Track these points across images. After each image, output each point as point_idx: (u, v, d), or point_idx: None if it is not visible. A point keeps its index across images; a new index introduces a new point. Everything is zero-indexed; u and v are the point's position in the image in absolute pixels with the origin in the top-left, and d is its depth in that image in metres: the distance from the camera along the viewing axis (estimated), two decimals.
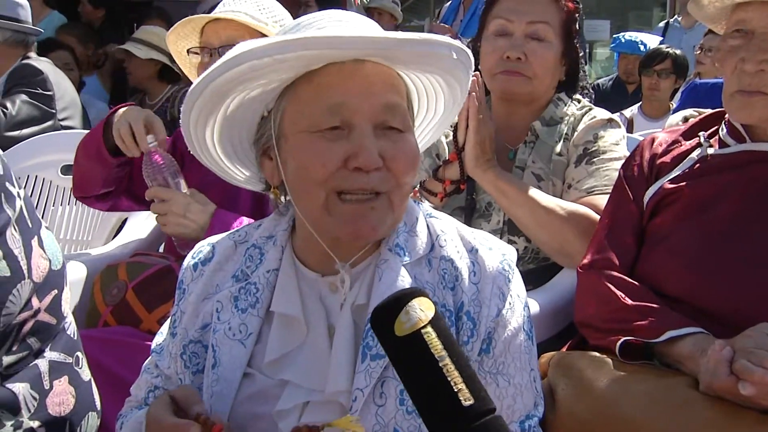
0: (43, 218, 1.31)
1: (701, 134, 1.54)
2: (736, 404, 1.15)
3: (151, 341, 1.28)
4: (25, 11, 3.23)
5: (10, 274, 1.16)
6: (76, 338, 1.36)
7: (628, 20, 10.80)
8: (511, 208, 1.77)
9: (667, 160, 1.54)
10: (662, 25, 5.95)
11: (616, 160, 1.80)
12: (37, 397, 1.21)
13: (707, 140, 1.52)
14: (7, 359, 1.18)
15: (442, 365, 0.77)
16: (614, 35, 5.83)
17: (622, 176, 1.61)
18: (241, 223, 1.76)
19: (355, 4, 5.58)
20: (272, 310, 1.12)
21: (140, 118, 1.86)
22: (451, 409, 0.76)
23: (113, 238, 2.64)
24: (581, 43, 2.03)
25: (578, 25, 1.97)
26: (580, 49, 1.99)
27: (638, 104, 4.48)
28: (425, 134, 1.27)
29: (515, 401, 1.10)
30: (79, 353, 1.35)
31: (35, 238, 1.24)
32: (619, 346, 1.33)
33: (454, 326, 1.07)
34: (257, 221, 1.24)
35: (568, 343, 1.56)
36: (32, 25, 3.32)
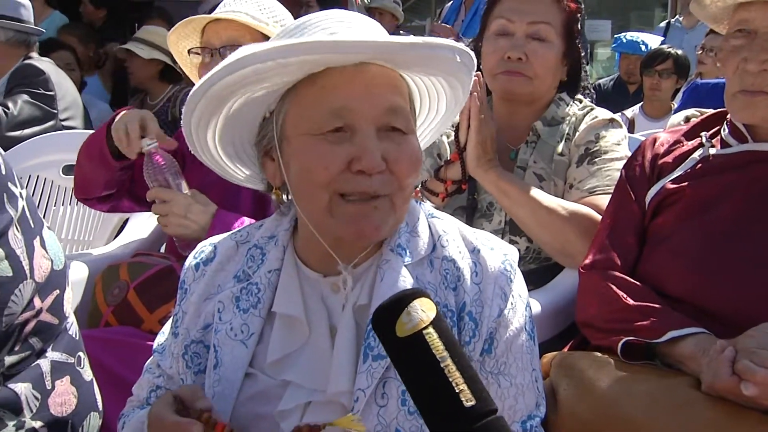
0: (44, 218, 1.31)
1: (703, 134, 1.54)
2: (738, 405, 1.15)
3: (152, 341, 1.28)
4: (27, 11, 3.23)
5: (12, 274, 1.16)
6: (77, 338, 1.36)
7: (629, 20, 10.78)
8: (512, 208, 1.77)
9: (669, 160, 1.54)
10: (663, 25, 5.95)
11: (617, 160, 1.80)
12: (39, 397, 1.21)
13: (709, 140, 1.52)
14: (9, 359, 1.18)
15: (443, 366, 0.77)
16: (615, 35, 5.83)
17: (623, 176, 1.61)
18: (242, 223, 1.76)
19: (356, 4, 5.58)
20: (274, 310, 1.12)
21: (136, 119, 1.86)
22: (452, 409, 0.76)
23: (114, 238, 2.64)
24: (583, 43, 2.02)
25: (580, 25, 1.97)
26: (581, 49, 1.99)
27: (639, 104, 4.47)
28: (426, 134, 1.27)
29: (517, 401, 1.10)
30: (80, 353, 1.35)
31: (37, 238, 1.24)
32: (620, 346, 1.33)
33: (455, 326, 1.07)
34: (259, 221, 1.24)
35: (569, 343, 1.56)
36: (34, 25, 3.32)
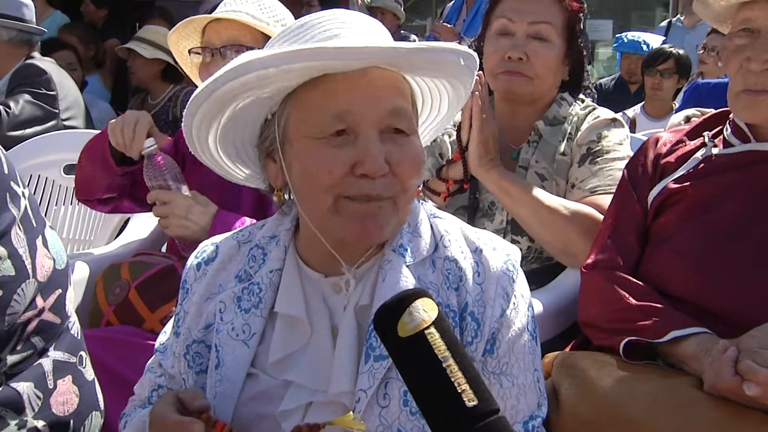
0: (45, 218, 1.31)
1: (705, 134, 1.54)
2: (740, 404, 1.15)
3: (153, 341, 1.28)
4: (29, 11, 3.23)
5: (14, 273, 1.16)
6: (79, 338, 1.36)
7: (630, 20, 10.79)
8: (514, 207, 1.77)
9: (671, 159, 1.54)
10: (665, 24, 5.95)
11: (619, 159, 1.80)
12: (41, 396, 1.21)
13: (711, 140, 1.52)
14: (11, 358, 1.18)
15: (445, 366, 0.77)
16: (617, 35, 5.83)
17: (625, 176, 1.60)
18: (243, 223, 1.76)
19: (357, 3, 5.58)
20: (276, 311, 1.11)
21: (132, 121, 1.86)
22: (454, 409, 0.76)
23: (116, 237, 2.64)
24: (585, 42, 2.02)
25: (582, 25, 1.96)
26: (583, 48, 1.99)
27: (641, 104, 4.47)
28: (427, 132, 1.27)
29: (519, 401, 1.09)
30: (82, 353, 1.35)
31: (40, 237, 1.24)
32: (622, 346, 1.33)
33: (458, 327, 1.07)
34: (260, 221, 1.24)
35: (571, 343, 1.56)
36: (36, 24, 3.32)
